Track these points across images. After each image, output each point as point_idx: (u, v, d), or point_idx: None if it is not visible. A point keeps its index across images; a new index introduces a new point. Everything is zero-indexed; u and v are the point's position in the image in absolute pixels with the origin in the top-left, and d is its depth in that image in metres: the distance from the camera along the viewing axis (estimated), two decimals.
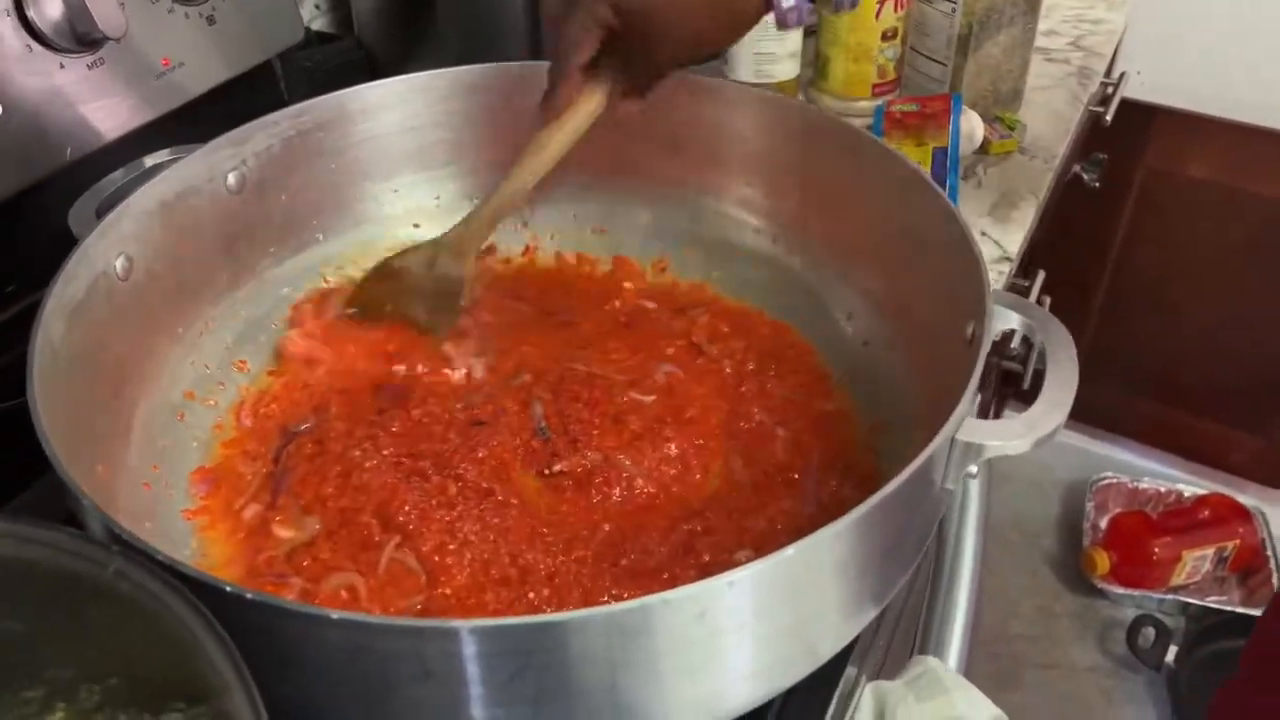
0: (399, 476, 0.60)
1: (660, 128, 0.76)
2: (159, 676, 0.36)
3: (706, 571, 0.53)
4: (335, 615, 0.39)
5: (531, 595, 0.53)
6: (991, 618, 1.77)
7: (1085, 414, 1.69)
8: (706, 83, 0.74)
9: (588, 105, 0.64)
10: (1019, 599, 1.81)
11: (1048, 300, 1.27)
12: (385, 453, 0.61)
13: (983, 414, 1.39)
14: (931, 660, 0.64)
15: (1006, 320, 0.54)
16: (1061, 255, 1.60)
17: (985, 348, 0.50)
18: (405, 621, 0.40)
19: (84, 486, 0.46)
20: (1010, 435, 0.48)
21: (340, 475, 0.61)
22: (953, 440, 0.48)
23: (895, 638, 0.73)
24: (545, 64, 0.77)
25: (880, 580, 0.50)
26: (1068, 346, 0.51)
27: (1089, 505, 1.84)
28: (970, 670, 1.74)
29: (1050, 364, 0.51)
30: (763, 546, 0.56)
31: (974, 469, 0.49)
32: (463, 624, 0.39)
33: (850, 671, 0.60)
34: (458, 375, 0.68)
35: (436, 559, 0.55)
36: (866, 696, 0.63)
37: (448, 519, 0.57)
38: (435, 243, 0.70)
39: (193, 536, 0.60)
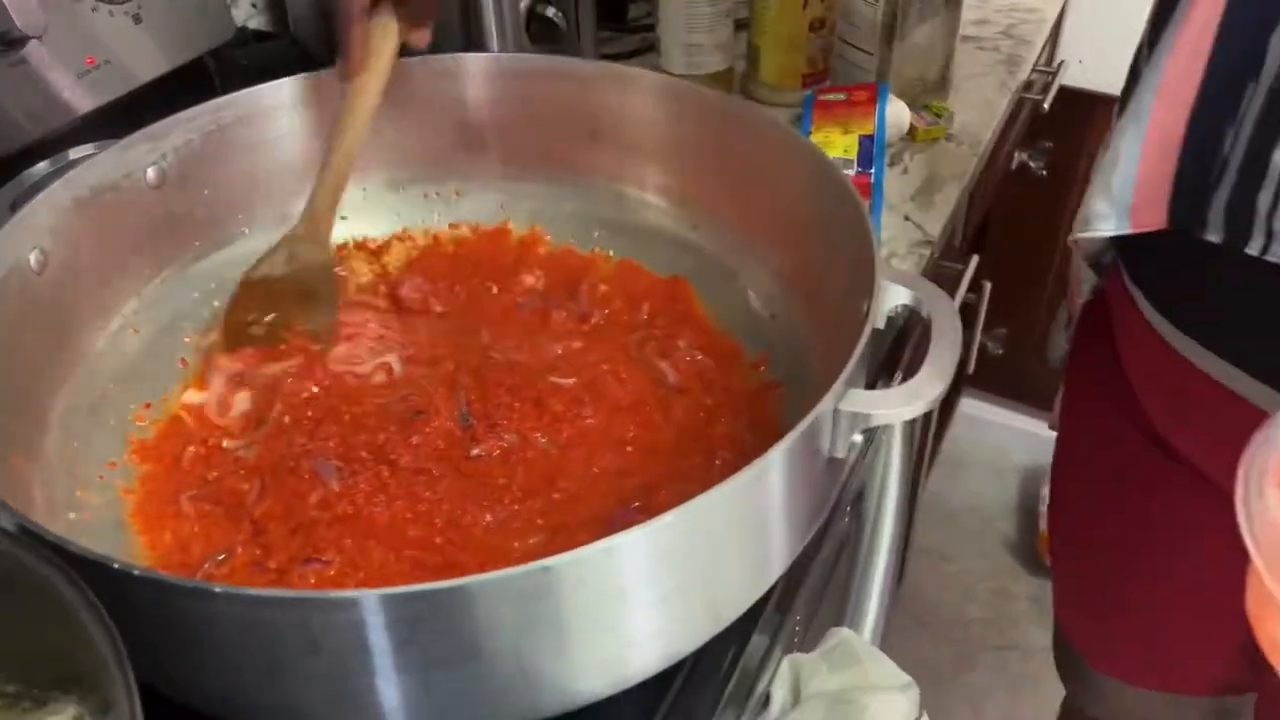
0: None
1: (581, 118, 0.77)
2: (38, 659, 0.37)
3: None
4: (218, 589, 0.40)
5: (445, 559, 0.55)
6: (948, 602, 1.80)
7: (1040, 399, 1.71)
8: (624, 71, 0.76)
9: (384, 49, 0.67)
10: (975, 583, 1.83)
11: (987, 286, 1.29)
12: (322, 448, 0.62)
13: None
14: (846, 632, 0.65)
15: (897, 295, 0.55)
16: (1014, 243, 1.62)
17: (871, 321, 0.52)
18: (287, 592, 0.41)
19: None
20: (893, 403, 0.49)
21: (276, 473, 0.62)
22: (837, 410, 0.49)
23: (819, 617, 0.74)
24: (468, 55, 0.79)
25: (775, 545, 0.52)
26: (951, 316, 0.53)
27: (1044, 489, 1.87)
28: (926, 654, 1.76)
29: (934, 334, 0.52)
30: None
31: (859, 438, 0.50)
32: (342, 594, 0.40)
33: (761, 641, 0.61)
34: (376, 377, 0.69)
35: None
36: (783, 668, 0.64)
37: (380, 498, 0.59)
38: (286, 239, 0.71)
39: (119, 530, 0.60)
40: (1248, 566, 0.38)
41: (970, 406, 1.98)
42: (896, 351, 0.83)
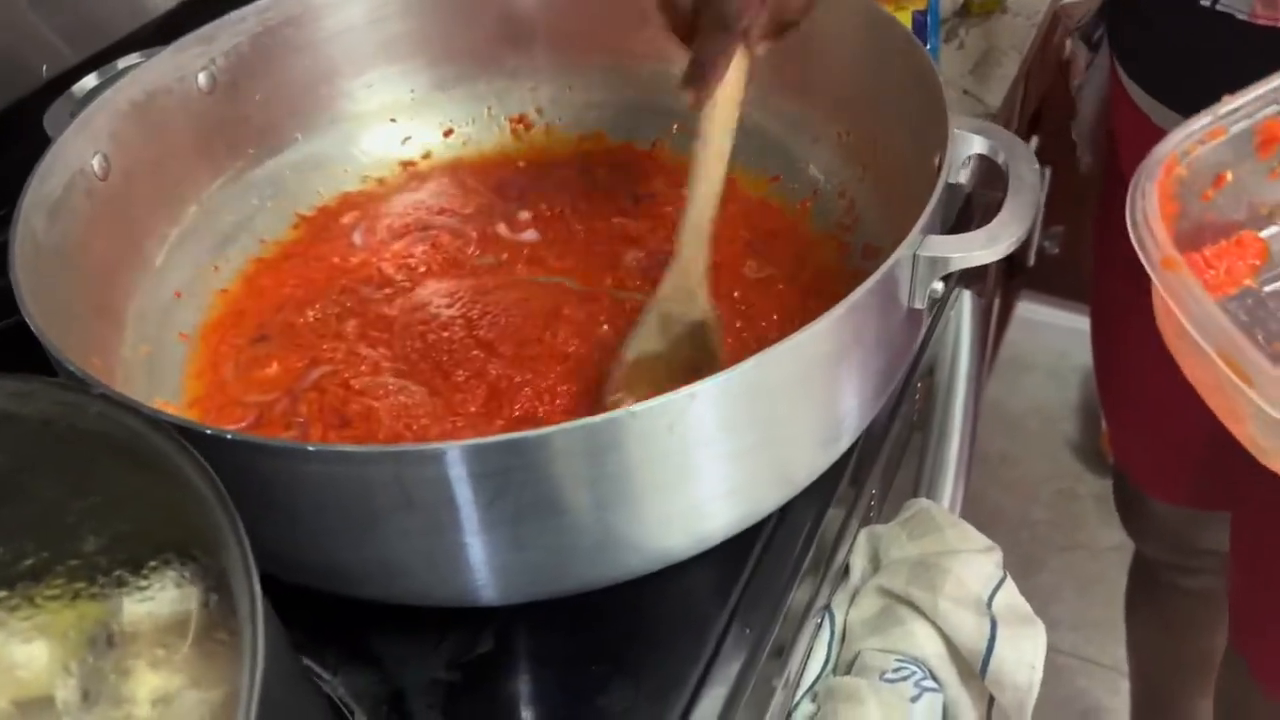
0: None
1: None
2: (151, 528, 0.37)
3: None
4: (313, 448, 0.41)
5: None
6: (1013, 506, 1.78)
7: None
8: None
9: (739, 71, 0.57)
10: (1040, 485, 1.82)
11: (1047, 171, 1.26)
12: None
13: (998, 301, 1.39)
14: (924, 501, 0.65)
15: (969, 144, 0.54)
16: (1064, 127, 1.57)
17: (946, 168, 0.50)
18: (383, 448, 0.42)
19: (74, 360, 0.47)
20: (974, 246, 0.48)
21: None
22: (915, 256, 0.48)
23: (893, 492, 0.74)
24: None
25: (851, 405, 0.51)
26: (1029, 162, 0.51)
27: None
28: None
29: (1012, 180, 0.51)
30: None
31: (939, 285, 0.49)
32: (441, 446, 0.40)
33: (837, 515, 0.61)
34: None
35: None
36: (861, 540, 0.64)
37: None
38: (653, 305, 0.60)
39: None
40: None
41: (1028, 310, 1.95)
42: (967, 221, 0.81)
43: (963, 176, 0.54)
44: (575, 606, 0.50)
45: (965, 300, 0.73)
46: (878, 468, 0.67)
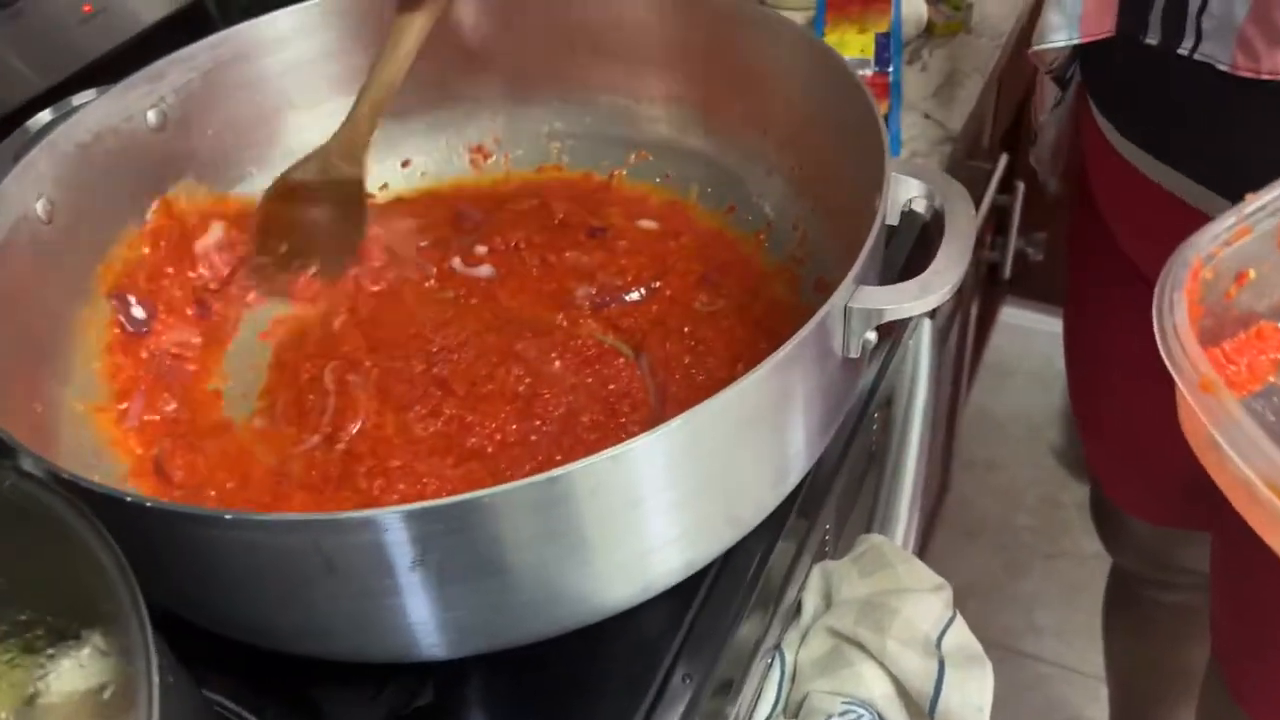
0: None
1: (582, 31, 0.75)
2: (55, 597, 0.37)
3: None
4: (230, 516, 0.40)
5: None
6: (997, 512, 1.78)
7: None
8: None
9: None
10: (1024, 491, 1.82)
11: (1020, 186, 1.25)
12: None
13: (978, 308, 1.38)
14: (876, 537, 0.65)
15: (908, 188, 0.54)
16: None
17: (882, 214, 0.50)
18: (299, 516, 0.42)
19: (9, 420, 0.47)
20: (906, 298, 0.48)
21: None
22: (847, 308, 0.48)
23: (849, 526, 0.74)
24: None
25: (793, 450, 0.51)
26: (965, 204, 0.51)
27: None
28: (977, 563, 1.75)
29: (948, 225, 0.51)
30: None
31: (873, 336, 0.49)
32: (358, 515, 0.40)
33: (787, 548, 0.61)
34: None
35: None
36: (813, 576, 0.64)
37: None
38: (320, 150, 0.70)
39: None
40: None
41: (1011, 315, 1.94)
42: (922, 259, 0.81)
43: (896, 218, 0.54)
44: (517, 656, 0.50)
45: (924, 329, 0.73)
46: (830, 501, 0.67)
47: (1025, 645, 1.60)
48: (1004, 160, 1.07)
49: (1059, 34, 0.68)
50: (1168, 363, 0.40)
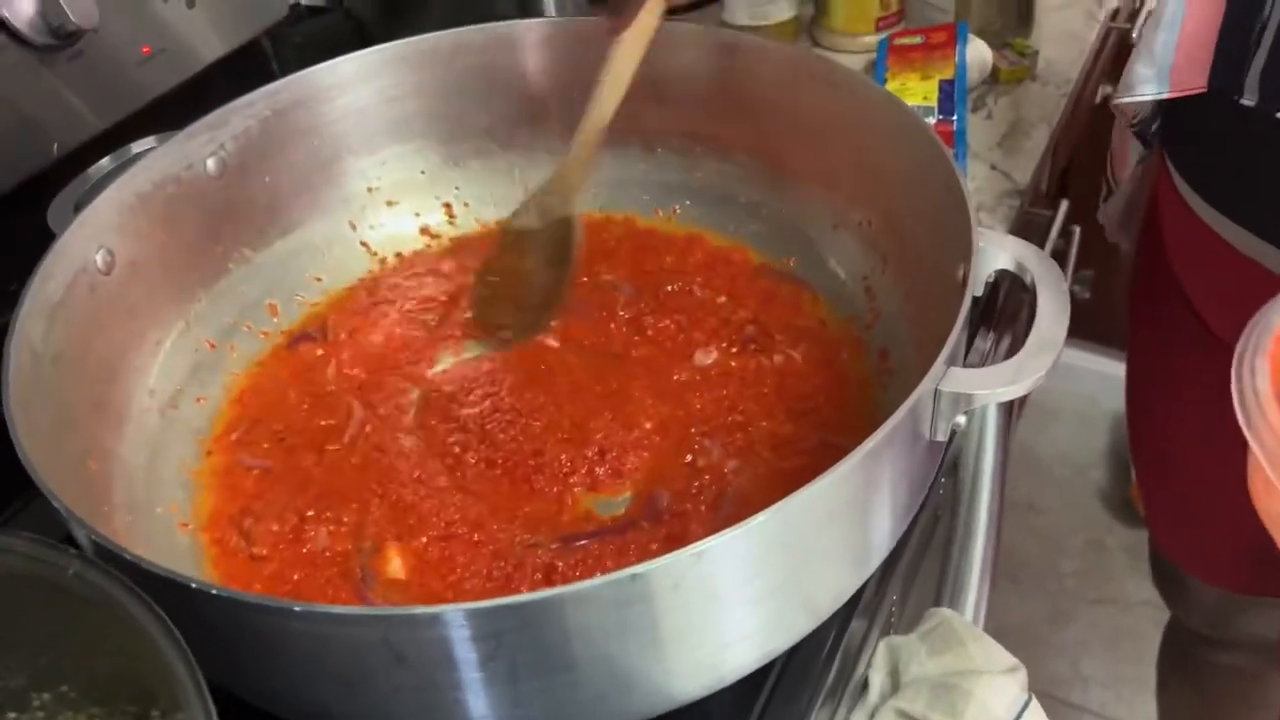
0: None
1: (644, 80, 0.73)
2: (117, 684, 0.36)
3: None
4: (298, 608, 0.39)
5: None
6: (1042, 555, 1.74)
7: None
8: (688, 29, 0.72)
9: (650, 14, 0.63)
10: (1069, 535, 1.78)
11: (1077, 231, 1.23)
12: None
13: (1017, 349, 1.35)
14: (946, 612, 0.62)
15: (996, 260, 0.51)
16: (1097, 180, 1.54)
17: (972, 291, 0.48)
18: (368, 610, 0.40)
19: (68, 486, 0.46)
20: (998, 382, 0.46)
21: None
22: (937, 391, 0.45)
23: (914, 592, 0.71)
24: (526, 20, 0.76)
25: (876, 535, 0.49)
26: (1057, 282, 0.49)
27: None
28: (1021, 609, 1.71)
29: (1040, 302, 0.48)
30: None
31: (962, 419, 0.47)
32: (423, 610, 0.39)
33: (859, 625, 0.59)
34: None
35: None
36: (880, 652, 0.62)
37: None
38: (536, 195, 0.69)
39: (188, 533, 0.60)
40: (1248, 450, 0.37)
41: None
42: (987, 303, 0.79)
43: (981, 290, 0.52)
44: None
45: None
46: (899, 573, 0.65)
47: (1072, 696, 1.56)
48: (1064, 207, 1.05)
49: (1147, 86, 0.65)
50: (1245, 430, 0.38)
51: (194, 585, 0.39)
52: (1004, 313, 0.91)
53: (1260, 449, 0.37)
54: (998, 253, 0.51)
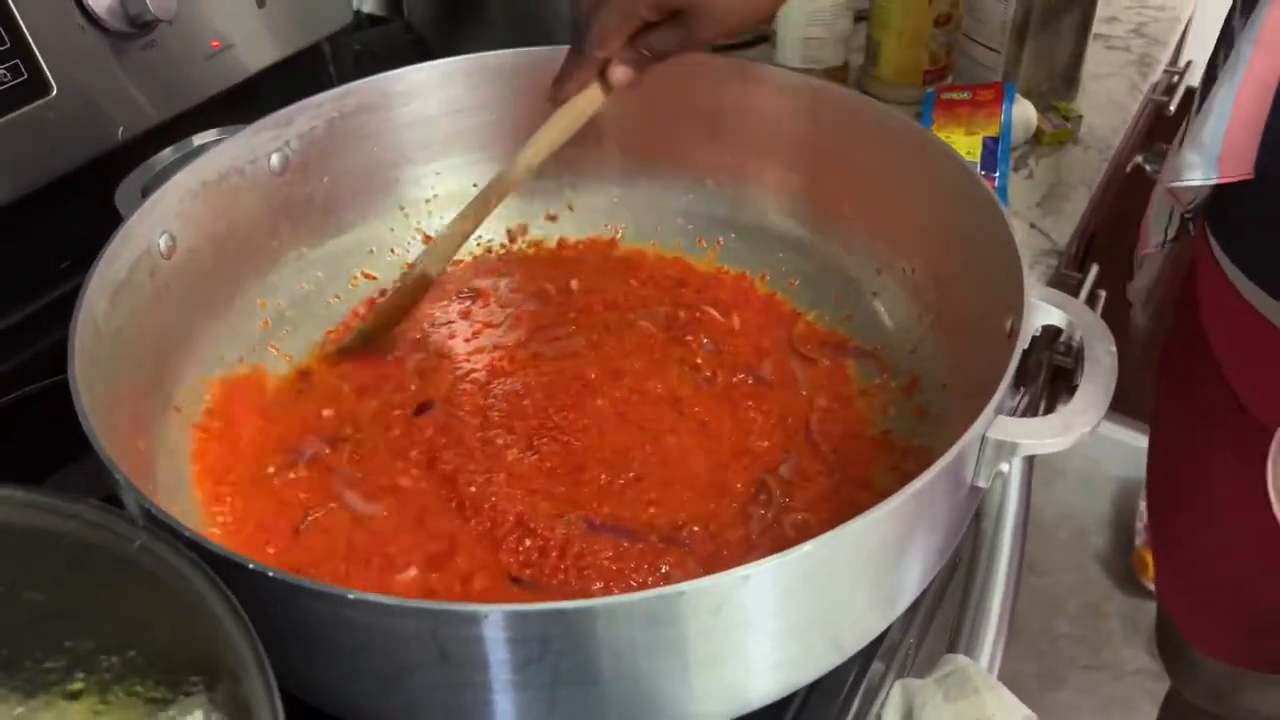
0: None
1: (701, 113, 0.75)
2: (178, 653, 0.37)
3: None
4: (352, 595, 0.39)
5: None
6: (1038, 616, 1.74)
7: (1137, 410, 1.65)
8: (749, 66, 0.74)
9: (595, 90, 0.64)
10: (1066, 597, 1.77)
11: (1102, 295, 1.24)
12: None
13: (1033, 410, 1.37)
14: (962, 659, 0.63)
15: (1046, 315, 0.53)
16: (1120, 248, 1.56)
17: (1022, 344, 0.49)
18: (421, 604, 0.41)
19: (121, 461, 0.47)
20: (1046, 434, 0.47)
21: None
22: (984, 438, 0.46)
23: (930, 636, 0.72)
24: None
25: (908, 577, 0.50)
26: (1107, 343, 0.50)
27: (1141, 504, 1.80)
28: (1013, 668, 1.71)
29: (1088, 361, 0.50)
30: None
31: (1006, 467, 0.47)
32: (479, 608, 0.39)
33: (878, 667, 0.59)
34: None
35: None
36: (894, 694, 0.62)
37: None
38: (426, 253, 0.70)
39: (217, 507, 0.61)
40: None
41: None
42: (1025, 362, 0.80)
43: (1028, 343, 0.53)
44: None
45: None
46: (918, 617, 0.65)
47: None
48: (1094, 270, 1.06)
49: (1194, 173, 0.66)
50: (1278, 509, 0.38)
51: (251, 566, 0.40)
52: (1028, 370, 0.92)
53: None
54: (1048, 309, 0.53)
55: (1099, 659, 1.69)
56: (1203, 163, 0.64)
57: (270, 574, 0.40)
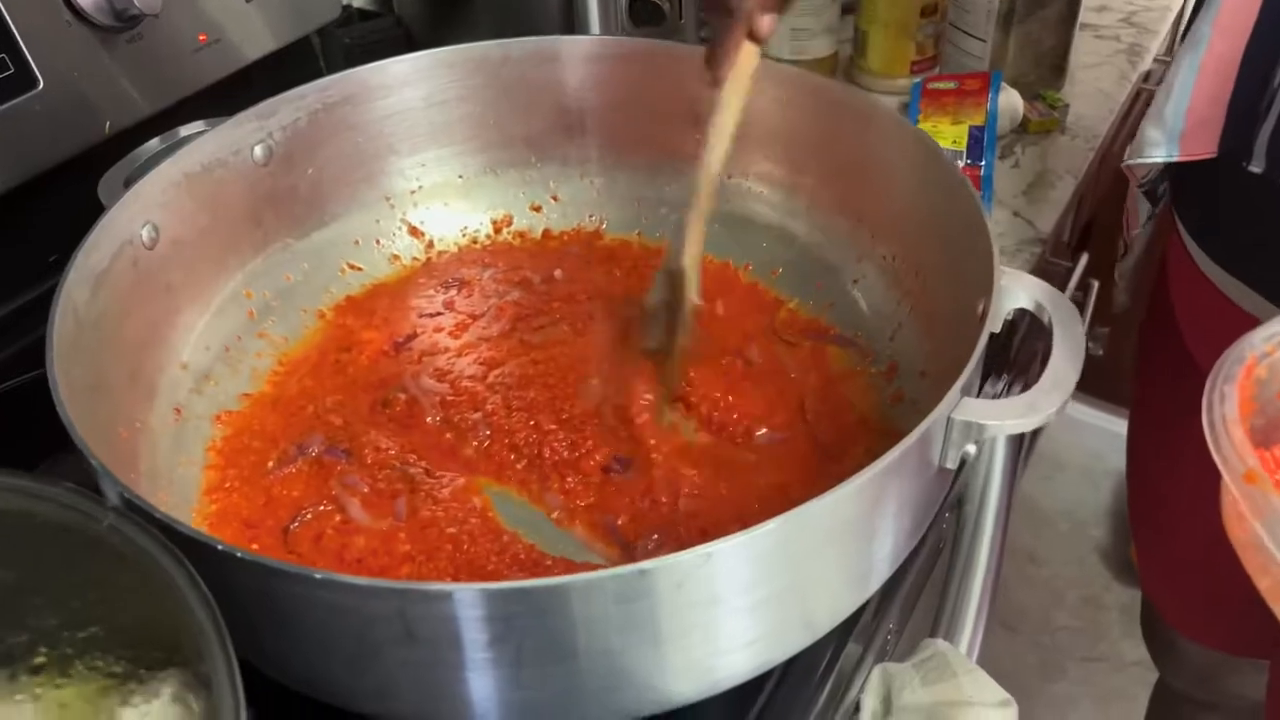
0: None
1: (683, 103, 0.76)
2: (144, 631, 0.37)
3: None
4: (319, 575, 0.40)
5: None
6: (1037, 607, 1.74)
7: None
8: None
9: (749, 54, 0.61)
10: (1066, 589, 1.77)
11: (1095, 285, 1.24)
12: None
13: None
14: (941, 644, 0.63)
15: (1015, 299, 0.53)
16: (1116, 239, 1.56)
17: (990, 326, 0.49)
18: (388, 583, 0.41)
19: (99, 448, 0.47)
20: (1011, 414, 0.47)
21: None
22: (950, 419, 0.47)
23: (913, 622, 0.72)
24: (573, 37, 0.78)
25: (878, 557, 0.50)
26: (1074, 325, 0.50)
27: None
28: (1012, 660, 1.71)
29: (1056, 342, 0.50)
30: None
31: (973, 448, 0.48)
32: (445, 586, 0.40)
33: (855, 650, 0.60)
34: None
35: None
36: (874, 678, 0.62)
37: None
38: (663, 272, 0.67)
39: (210, 497, 0.62)
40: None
41: (1068, 407, 1.92)
42: (1002, 348, 0.80)
43: (999, 327, 0.53)
44: None
45: (1000, 437, 0.72)
46: (898, 601, 0.66)
47: None
48: (1084, 260, 1.06)
49: (1157, 150, 0.66)
50: (1214, 453, 0.39)
51: (220, 547, 0.41)
52: (1018, 361, 0.92)
53: (1225, 469, 0.38)
54: (1018, 291, 0.53)
55: (1097, 650, 1.69)
56: (1165, 140, 0.65)
57: (239, 555, 0.41)
